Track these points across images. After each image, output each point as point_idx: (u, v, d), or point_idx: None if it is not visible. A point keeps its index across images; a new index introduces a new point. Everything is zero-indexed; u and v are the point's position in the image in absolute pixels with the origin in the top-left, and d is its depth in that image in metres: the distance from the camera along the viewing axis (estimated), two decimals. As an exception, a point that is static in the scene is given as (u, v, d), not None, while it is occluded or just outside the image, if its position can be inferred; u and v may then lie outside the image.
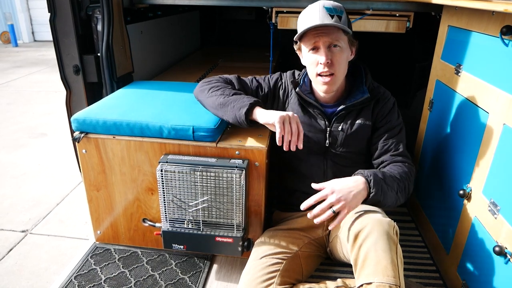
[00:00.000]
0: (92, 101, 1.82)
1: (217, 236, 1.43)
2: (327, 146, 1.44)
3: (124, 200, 1.59)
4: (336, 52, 1.29)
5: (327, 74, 1.31)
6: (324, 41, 1.28)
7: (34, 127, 3.74)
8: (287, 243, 1.41)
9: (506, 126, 1.17)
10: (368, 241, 1.09)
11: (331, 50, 1.29)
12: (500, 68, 1.24)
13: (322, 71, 1.31)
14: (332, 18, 1.26)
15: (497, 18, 1.26)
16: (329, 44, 1.28)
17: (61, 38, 1.82)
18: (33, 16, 9.85)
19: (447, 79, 1.64)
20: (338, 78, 1.34)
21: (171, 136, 1.44)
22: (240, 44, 3.86)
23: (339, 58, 1.30)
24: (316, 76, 1.34)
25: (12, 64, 6.92)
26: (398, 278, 1.05)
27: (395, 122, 1.42)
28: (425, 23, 2.20)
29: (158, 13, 2.50)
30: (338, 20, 1.27)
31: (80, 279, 1.52)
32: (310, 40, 1.30)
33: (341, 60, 1.30)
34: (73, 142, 1.53)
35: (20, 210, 2.24)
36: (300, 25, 1.32)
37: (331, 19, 1.26)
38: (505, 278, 1.14)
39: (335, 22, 1.25)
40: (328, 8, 1.28)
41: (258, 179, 1.46)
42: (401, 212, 1.98)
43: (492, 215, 1.21)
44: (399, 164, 1.36)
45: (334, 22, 1.25)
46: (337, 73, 1.32)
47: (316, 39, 1.28)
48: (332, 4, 1.29)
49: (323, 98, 1.44)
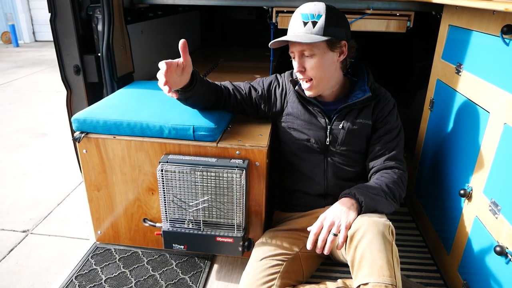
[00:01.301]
0: (92, 101, 1.82)
1: (217, 236, 1.43)
2: (328, 144, 1.44)
3: (125, 200, 1.59)
4: (308, 60, 1.31)
5: (304, 79, 1.35)
6: (297, 50, 1.31)
7: (35, 127, 3.74)
8: (287, 244, 1.41)
9: (507, 125, 1.17)
10: (363, 241, 1.09)
11: (304, 57, 1.31)
12: (501, 68, 1.23)
13: (299, 78, 1.37)
14: (305, 25, 1.27)
15: (498, 17, 1.25)
16: (301, 53, 1.31)
17: (62, 38, 1.82)
18: (34, 16, 9.86)
19: (448, 78, 1.64)
20: (319, 83, 1.35)
21: (171, 136, 1.44)
22: (241, 43, 3.86)
23: (313, 65, 1.31)
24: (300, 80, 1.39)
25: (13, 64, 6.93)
26: (394, 277, 1.05)
27: (393, 124, 1.42)
28: (425, 22, 2.20)
29: (158, 13, 2.50)
30: (312, 27, 1.27)
31: (80, 279, 1.52)
32: (290, 47, 1.34)
33: (316, 66, 1.31)
34: (74, 142, 1.53)
35: (21, 210, 2.25)
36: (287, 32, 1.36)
37: (303, 26, 1.27)
38: (506, 278, 1.14)
39: (306, 30, 1.27)
40: (304, 14, 1.28)
41: (259, 179, 1.45)
42: (402, 212, 1.98)
43: (493, 215, 1.21)
44: (388, 172, 1.36)
45: (306, 30, 1.27)
46: (315, 79, 1.34)
47: (292, 47, 1.33)
48: (309, 9, 1.29)
49: (323, 96, 1.44)
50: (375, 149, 1.41)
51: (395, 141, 1.41)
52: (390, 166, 1.37)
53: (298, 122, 1.46)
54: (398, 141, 1.41)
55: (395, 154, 1.39)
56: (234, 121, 1.61)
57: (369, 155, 1.44)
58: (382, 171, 1.38)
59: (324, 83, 1.37)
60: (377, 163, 1.40)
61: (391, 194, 1.28)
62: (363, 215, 1.18)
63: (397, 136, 1.41)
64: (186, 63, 1.26)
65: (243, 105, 1.54)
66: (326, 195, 1.50)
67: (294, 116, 1.47)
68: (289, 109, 1.48)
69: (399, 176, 1.34)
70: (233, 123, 1.60)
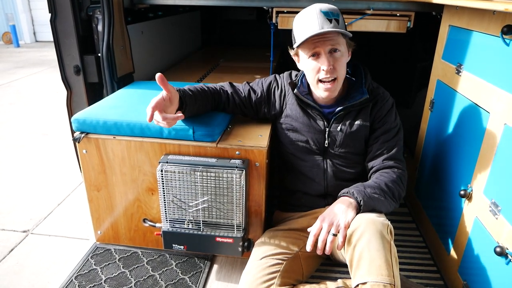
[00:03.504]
0: (92, 101, 1.82)
1: (217, 236, 1.43)
2: (326, 146, 1.44)
3: (125, 200, 1.59)
4: (337, 57, 1.29)
5: (329, 80, 1.30)
6: (325, 47, 1.27)
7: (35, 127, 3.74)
8: (287, 244, 1.41)
9: (507, 126, 1.17)
10: (361, 241, 1.09)
11: (332, 55, 1.28)
12: (501, 68, 1.23)
13: (325, 77, 1.30)
14: (331, 22, 1.25)
15: (498, 18, 1.25)
16: (330, 50, 1.28)
17: (62, 39, 1.82)
18: (34, 17, 9.86)
19: (448, 79, 1.64)
20: (339, 83, 1.34)
21: (171, 136, 1.44)
22: (241, 44, 3.86)
23: (340, 62, 1.29)
24: (317, 82, 1.33)
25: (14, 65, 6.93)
26: (392, 277, 1.04)
27: (392, 124, 1.41)
28: (426, 23, 2.20)
29: (158, 13, 2.50)
30: (337, 24, 1.25)
31: (80, 279, 1.52)
32: (309, 46, 1.28)
33: (342, 64, 1.30)
34: (74, 142, 1.53)
35: (21, 210, 2.25)
36: (298, 31, 1.30)
37: (329, 23, 1.24)
38: (506, 279, 1.14)
39: (334, 27, 1.24)
40: (326, 12, 1.26)
41: (258, 179, 1.45)
42: (402, 212, 1.97)
43: (493, 215, 1.21)
44: (387, 171, 1.36)
45: (333, 26, 1.24)
46: (339, 78, 1.32)
47: (317, 45, 1.27)
48: (328, 7, 1.28)
49: (321, 99, 1.43)
50: (374, 149, 1.41)
51: (393, 141, 1.40)
52: (389, 166, 1.37)
53: (296, 124, 1.46)
54: (397, 140, 1.41)
55: (394, 153, 1.39)
56: (234, 122, 1.61)
57: (368, 155, 1.43)
58: (382, 170, 1.37)
59: (341, 84, 1.36)
60: (376, 163, 1.40)
61: (390, 193, 1.28)
62: (362, 214, 1.18)
63: (395, 136, 1.41)
64: (171, 93, 1.24)
65: (242, 108, 1.54)
66: (326, 195, 1.50)
67: (293, 118, 1.46)
68: (287, 111, 1.48)
69: (398, 175, 1.34)
70: (233, 123, 1.60)
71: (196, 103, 1.39)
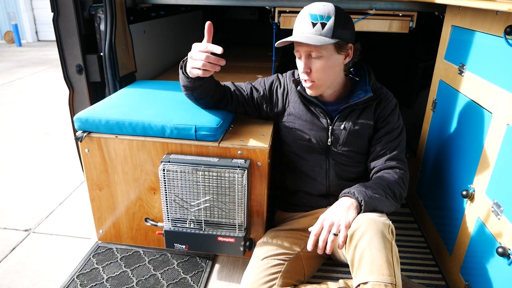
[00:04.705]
0: (95, 100, 1.82)
1: (219, 236, 1.43)
2: (329, 144, 1.44)
3: (127, 199, 1.59)
4: (315, 61, 1.29)
5: (308, 80, 1.33)
6: (303, 51, 1.29)
7: (37, 126, 3.75)
8: (289, 244, 1.41)
9: (510, 126, 1.17)
10: (362, 241, 1.09)
11: (310, 59, 1.29)
12: (504, 68, 1.23)
13: (303, 78, 1.35)
14: (314, 26, 1.25)
15: (501, 18, 1.25)
16: (308, 54, 1.29)
17: (64, 38, 1.82)
18: (36, 16, 9.88)
19: (451, 79, 1.64)
20: (320, 85, 1.34)
21: (173, 135, 1.44)
22: (243, 43, 3.86)
23: (319, 67, 1.29)
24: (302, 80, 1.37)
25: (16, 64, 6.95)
26: (394, 276, 1.04)
27: (395, 124, 1.41)
28: (428, 23, 2.20)
29: (161, 12, 2.50)
30: (320, 28, 1.24)
31: (82, 278, 1.52)
32: (295, 47, 1.32)
33: (322, 68, 1.30)
34: (76, 141, 1.54)
35: (23, 209, 2.25)
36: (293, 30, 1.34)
37: (312, 27, 1.25)
38: (509, 280, 1.13)
39: (316, 31, 1.24)
40: (313, 15, 1.26)
41: (260, 179, 1.45)
42: (404, 213, 1.97)
43: (495, 215, 1.20)
44: (389, 171, 1.36)
45: (315, 31, 1.25)
46: (318, 81, 1.32)
47: (298, 47, 1.30)
48: (319, 9, 1.26)
49: (324, 97, 1.43)
50: (377, 149, 1.41)
51: (396, 141, 1.40)
52: (391, 166, 1.37)
53: (299, 122, 1.46)
54: (399, 141, 1.41)
55: (397, 154, 1.39)
56: (236, 121, 1.61)
57: (371, 155, 1.43)
58: (383, 171, 1.37)
59: (327, 85, 1.36)
60: (378, 163, 1.40)
61: (392, 194, 1.28)
62: (363, 214, 1.18)
63: (398, 136, 1.41)
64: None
65: (245, 106, 1.54)
66: (328, 195, 1.50)
67: (296, 116, 1.46)
68: (290, 109, 1.48)
69: (400, 175, 1.34)
70: (235, 123, 1.60)
71: (213, 81, 1.43)
